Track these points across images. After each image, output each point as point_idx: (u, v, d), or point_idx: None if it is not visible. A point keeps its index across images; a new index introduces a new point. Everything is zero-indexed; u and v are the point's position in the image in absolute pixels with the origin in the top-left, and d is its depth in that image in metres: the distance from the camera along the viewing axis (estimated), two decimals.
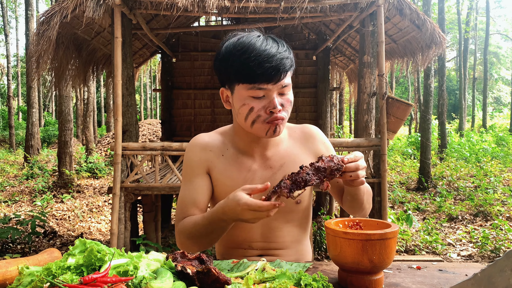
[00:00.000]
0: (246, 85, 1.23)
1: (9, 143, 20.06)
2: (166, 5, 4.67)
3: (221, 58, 1.28)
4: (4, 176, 12.09)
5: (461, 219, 6.94)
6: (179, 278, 0.95)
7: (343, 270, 1.07)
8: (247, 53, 1.20)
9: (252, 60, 1.19)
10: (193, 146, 1.44)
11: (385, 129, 4.74)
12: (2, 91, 33.48)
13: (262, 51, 1.20)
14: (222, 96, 1.37)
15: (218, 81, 1.35)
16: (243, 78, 1.22)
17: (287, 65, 1.23)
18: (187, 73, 8.67)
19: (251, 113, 1.25)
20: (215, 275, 0.91)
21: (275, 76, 1.21)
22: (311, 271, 1.16)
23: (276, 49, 1.22)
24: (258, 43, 1.22)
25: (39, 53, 4.86)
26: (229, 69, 1.25)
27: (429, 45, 5.69)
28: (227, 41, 1.29)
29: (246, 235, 1.43)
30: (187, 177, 1.42)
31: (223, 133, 1.46)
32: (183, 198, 1.40)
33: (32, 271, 0.90)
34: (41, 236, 6.26)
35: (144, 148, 4.79)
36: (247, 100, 1.25)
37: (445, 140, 13.07)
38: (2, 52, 35.27)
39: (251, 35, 1.26)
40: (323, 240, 5.56)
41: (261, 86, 1.22)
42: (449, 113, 31.84)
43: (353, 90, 9.84)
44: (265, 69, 1.19)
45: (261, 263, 1.10)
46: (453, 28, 30.06)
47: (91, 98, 17.22)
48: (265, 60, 1.19)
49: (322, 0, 4.71)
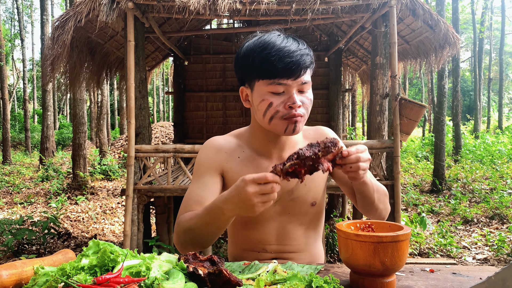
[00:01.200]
0: (266, 81, 1.23)
1: (25, 146, 20.41)
2: (178, 8, 4.71)
3: (242, 56, 1.29)
4: (20, 178, 12.30)
5: (477, 222, 6.83)
6: (191, 279, 0.95)
7: (354, 273, 1.06)
8: (268, 49, 1.22)
9: (273, 55, 1.20)
10: (207, 147, 1.43)
11: (398, 131, 4.70)
12: (18, 94, 34.09)
13: (282, 47, 1.21)
14: (241, 95, 1.36)
15: (238, 80, 1.36)
16: (264, 73, 1.23)
17: (307, 61, 1.23)
18: (199, 76, 8.72)
19: (270, 108, 1.24)
20: (227, 276, 0.92)
21: (295, 71, 1.21)
22: (322, 273, 1.16)
23: (297, 46, 1.23)
24: (279, 40, 1.23)
25: (53, 57, 4.94)
26: (249, 66, 1.26)
27: (442, 45, 5.63)
28: (248, 41, 1.30)
29: (261, 238, 1.42)
30: (196, 176, 1.40)
31: (238, 135, 1.45)
32: (189, 195, 1.37)
33: (47, 271, 0.92)
34: (56, 238, 6.35)
35: (156, 150, 4.83)
36: (266, 95, 1.25)
37: (459, 142, 12.89)
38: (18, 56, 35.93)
39: (272, 33, 1.28)
40: (335, 243, 5.53)
41: (281, 81, 1.22)
42: (464, 114, 31.41)
43: (366, 91, 9.78)
44: (286, 64, 1.20)
45: (272, 265, 1.10)
46: (468, 28, 29.69)
47: (104, 101, 17.42)
48: (286, 55, 1.20)
49: (334, 1, 4.70)
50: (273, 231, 1.42)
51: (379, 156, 4.94)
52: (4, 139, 15.61)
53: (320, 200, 1.45)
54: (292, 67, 1.20)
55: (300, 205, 1.41)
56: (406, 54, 6.80)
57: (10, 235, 5.57)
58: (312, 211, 1.44)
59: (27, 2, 32.53)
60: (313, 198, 1.42)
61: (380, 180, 4.88)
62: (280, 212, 1.41)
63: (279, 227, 1.41)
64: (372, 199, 1.34)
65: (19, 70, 32.85)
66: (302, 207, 1.41)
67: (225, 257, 4.80)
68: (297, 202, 1.40)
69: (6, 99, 15.98)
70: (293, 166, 1.08)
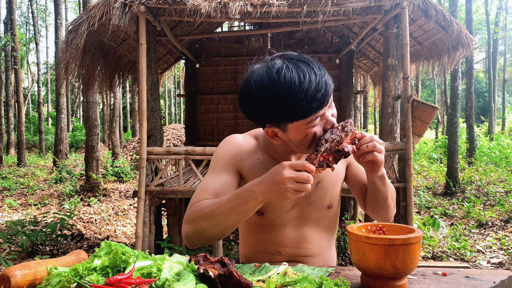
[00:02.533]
0: (303, 120, 1.15)
1: (39, 148, 20.73)
2: (189, 11, 4.74)
3: (258, 101, 1.17)
4: (34, 180, 12.49)
5: (491, 225, 6.72)
6: (201, 280, 0.96)
7: (366, 276, 1.05)
8: (294, 92, 1.11)
9: (302, 98, 1.11)
10: (228, 143, 1.40)
11: (410, 133, 4.66)
12: (32, 97, 34.63)
13: (307, 85, 1.11)
14: (268, 134, 1.26)
15: (253, 120, 1.26)
16: (300, 116, 1.15)
17: (330, 83, 1.17)
18: (210, 78, 8.75)
19: (315, 138, 1.19)
20: (237, 278, 0.92)
21: (327, 100, 1.16)
22: (333, 276, 1.15)
23: (314, 73, 1.13)
24: (295, 76, 1.12)
25: (67, 60, 5.01)
26: (275, 111, 1.16)
27: (455, 46, 5.56)
28: (253, 80, 1.17)
29: (277, 240, 1.41)
30: (214, 170, 1.36)
31: (257, 137, 1.43)
32: (204, 185, 1.32)
33: (60, 271, 0.93)
34: (69, 239, 6.43)
35: (168, 152, 4.86)
36: (307, 130, 1.18)
37: (473, 144, 12.72)
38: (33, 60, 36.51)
39: (278, 68, 1.14)
40: (347, 246, 5.49)
41: (318, 114, 1.16)
42: (478, 116, 30.95)
43: (378, 93, 9.71)
44: (319, 100, 1.13)
45: (283, 267, 1.10)
46: (482, 29, 29.31)
47: (117, 104, 17.60)
48: (314, 91, 1.12)
49: (345, 3, 4.68)
50: (290, 234, 1.41)
51: (391, 158, 4.90)
52: (19, 142, 15.86)
53: (336, 202, 1.46)
54: (324, 98, 1.14)
55: (317, 209, 1.41)
56: (419, 56, 6.74)
57: (24, 236, 5.66)
58: (328, 214, 1.44)
59: (41, 6, 33.08)
60: (330, 201, 1.42)
61: (393, 182, 4.84)
62: (297, 216, 1.41)
63: (295, 230, 1.41)
64: (386, 196, 1.34)
65: (33, 73, 33.40)
66: (319, 210, 1.41)
67: (236, 259, 4.80)
68: (314, 206, 1.41)
69: (21, 102, 16.25)
70: (325, 153, 1.11)
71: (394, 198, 1.41)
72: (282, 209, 1.39)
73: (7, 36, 15.84)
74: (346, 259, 5.40)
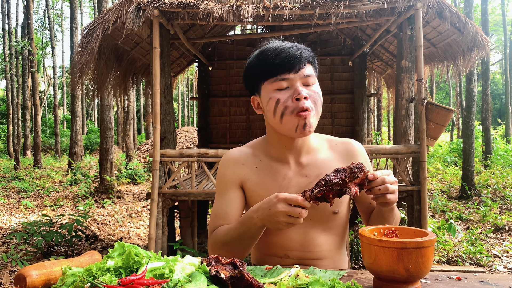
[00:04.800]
0: (269, 80, 1.28)
1: (55, 150, 21.06)
2: (202, 15, 4.77)
3: (246, 67, 1.37)
4: (50, 181, 12.68)
5: (508, 230, 6.59)
6: (213, 282, 0.96)
7: (378, 279, 1.04)
8: (265, 51, 1.29)
9: (269, 54, 1.27)
10: (225, 161, 1.47)
11: (424, 135, 4.61)
12: (48, 100, 35.22)
13: (278, 46, 1.28)
14: (253, 104, 1.41)
15: (249, 92, 1.43)
16: (265, 73, 1.28)
17: (304, 54, 1.27)
18: (222, 81, 8.79)
19: (278, 105, 1.27)
20: (248, 280, 0.92)
21: (294, 64, 1.25)
22: (345, 279, 1.14)
23: (292, 44, 1.29)
24: (275, 43, 1.31)
25: (82, 64, 5.09)
26: (252, 72, 1.33)
27: (471, 48, 5.49)
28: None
29: (283, 243, 1.42)
30: (219, 192, 1.45)
31: (254, 145, 1.48)
32: (215, 212, 1.43)
33: (74, 272, 0.94)
34: (83, 240, 6.50)
35: (181, 155, 4.89)
36: (272, 93, 1.28)
37: (489, 147, 12.50)
38: (49, 64, 37.15)
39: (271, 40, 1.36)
40: (359, 249, 5.44)
41: (282, 76, 1.26)
42: (494, 118, 30.46)
43: (391, 95, 9.63)
44: (283, 58, 1.25)
45: (294, 269, 1.10)
46: (498, 30, 28.86)
47: (131, 107, 17.78)
48: (282, 51, 1.26)
49: (358, 5, 4.66)
50: (296, 237, 1.41)
51: (405, 161, 4.85)
52: (35, 144, 16.13)
53: (344, 209, 1.44)
54: (290, 60, 1.25)
55: (322, 213, 1.40)
56: (433, 57, 6.67)
57: (40, 237, 5.75)
58: (335, 219, 1.42)
59: (58, 11, 33.66)
60: (335, 207, 1.41)
61: (406, 185, 4.79)
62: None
63: (301, 233, 1.41)
64: (391, 223, 1.35)
65: (49, 77, 33.98)
66: (324, 215, 1.40)
67: (248, 261, 4.80)
68: (319, 210, 1.40)
69: (37, 105, 16.53)
70: (321, 192, 1.11)
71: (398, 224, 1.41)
72: None
73: (24, 40, 16.16)
74: (359, 262, 5.35)
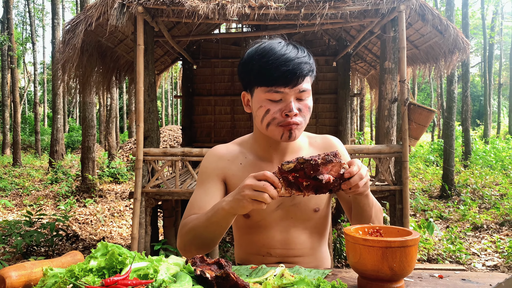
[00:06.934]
0: (264, 88, 1.25)
1: (35, 149, 20.64)
2: (187, 13, 4.74)
3: (243, 63, 1.31)
4: (29, 180, 12.43)
5: (486, 228, 6.75)
6: (198, 282, 0.95)
7: (362, 278, 1.05)
8: (266, 57, 1.22)
9: (270, 63, 1.21)
10: (209, 156, 1.47)
11: (406, 136, 4.67)
12: (29, 97, 34.51)
13: (280, 55, 1.22)
14: (243, 100, 1.38)
15: (242, 86, 1.38)
16: (261, 80, 1.24)
17: (305, 70, 1.23)
18: (207, 80, 8.75)
19: (267, 115, 1.26)
20: (234, 280, 0.92)
21: (292, 79, 1.21)
22: (330, 278, 1.15)
23: (295, 54, 1.23)
24: (278, 48, 1.24)
25: (64, 60, 5.00)
26: (249, 72, 1.28)
27: (452, 50, 5.59)
28: (250, 47, 1.32)
29: (265, 242, 1.42)
30: (200, 182, 1.43)
31: (241, 143, 1.47)
32: (191, 201, 1.40)
33: (55, 272, 0.93)
34: (64, 240, 6.39)
35: (165, 153, 4.85)
36: (264, 102, 1.26)
37: (469, 147, 12.78)
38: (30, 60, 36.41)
39: (273, 41, 1.29)
40: (343, 248, 5.49)
41: (278, 89, 1.23)
42: (474, 119, 31.13)
43: (374, 96, 9.74)
44: (282, 72, 1.21)
45: (279, 269, 1.10)
46: (478, 33, 29.45)
47: (113, 105, 17.55)
48: (283, 63, 1.21)
49: (343, 6, 4.69)
50: (277, 236, 1.42)
51: (387, 161, 4.91)
52: (15, 142, 15.78)
53: (324, 206, 1.45)
54: (288, 75, 1.21)
55: (303, 211, 1.41)
56: (415, 59, 6.77)
57: (19, 237, 5.62)
58: (316, 216, 1.43)
59: (38, 6, 32.97)
60: (316, 204, 1.42)
61: (389, 185, 4.85)
62: (283, 217, 1.41)
63: (282, 231, 1.42)
64: (370, 215, 1.33)
65: (30, 73, 33.28)
66: (305, 213, 1.41)
67: (232, 261, 4.80)
68: (299, 207, 1.40)
69: (17, 102, 16.18)
70: (293, 172, 1.09)
71: (380, 217, 1.39)
72: (266, 209, 1.39)
73: (4, 35, 15.78)
74: (342, 261, 5.40)
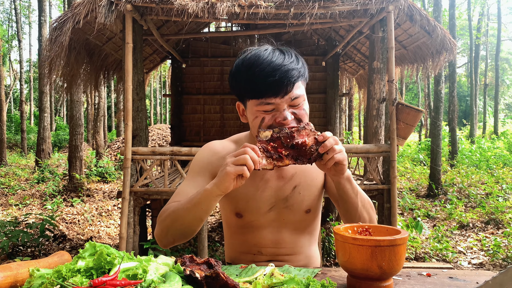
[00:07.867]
0: (255, 101, 1.23)
1: (21, 147, 20.32)
2: (176, 11, 4.71)
3: (232, 75, 1.29)
4: (15, 179, 12.23)
5: (472, 227, 6.84)
6: (188, 282, 0.95)
7: (352, 277, 1.06)
8: (253, 68, 1.20)
9: (256, 75, 1.19)
10: (204, 150, 1.45)
11: (394, 135, 4.71)
12: (14, 96, 33.98)
13: (266, 65, 1.18)
14: (238, 110, 1.37)
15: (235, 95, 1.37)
16: (251, 94, 1.23)
17: (293, 76, 1.20)
18: (196, 79, 8.71)
19: (262, 124, 1.24)
20: (224, 279, 0.91)
21: (280, 89, 1.19)
22: (319, 277, 1.16)
23: (282, 61, 1.19)
24: (264, 56, 1.20)
25: (51, 58, 4.93)
26: (238, 85, 1.26)
27: (439, 51, 5.66)
28: (238, 58, 1.29)
29: (256, 241, 1.43)
30: (190, 175, 1.42)
31: (237, 140, 1.46)
32: (178, 190, 1.38)
33: (42, 273, 0.91)
34: (51, 240, 6.31)
35: (153, 152, 4.82)
36: (258, 113, 1.24)
37: (455, 147, 12.95)
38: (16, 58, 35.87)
39: (260, 49, 1.25)
40: (331, 247, 5.52)
41: (268, 100, 1.21)
42: (460, 119, 31.53)
43: (363, 96, 9.81)
44: (269, 84, 1.18)
45: (269, 268, 1.10)
46: (464, 34, 29.85)
47: (101, 103, 17.38)
48: (269, 74, 1.17)
49: (332, 6, 4.71)
50: (269, 235, 1.43)
51: (375, 160, 4.94)
52: (0, 140, 15.53)
53: (315, 207, 1.46)
54: (276, 86, 1.18)
55: (295, 213, 1.42)
56: (403, 59, 6.83)
57: (4, 237, 5.53)
58: (307, 218, 1.44)
59: (25, 3, 32.47)
60: (308, 206, 1.42)
61: (377, 184, 4.89)
62: (275, 218, 1.42)
63: (274, 231, 1.42)
64: (356, 204, 1.32)
65: (16, 71, 32.76)
66: (297, 214, 1.42)
67: (222, 260, 4.79)
68: (292, 209, 1.41)
69: (2, 100, 15.92)
70: (271, 142, 1.13)
71: (370, 211, 1.37)
72: (260, 210, 1.40)
73: None
74: (331, 260, 5.43)
